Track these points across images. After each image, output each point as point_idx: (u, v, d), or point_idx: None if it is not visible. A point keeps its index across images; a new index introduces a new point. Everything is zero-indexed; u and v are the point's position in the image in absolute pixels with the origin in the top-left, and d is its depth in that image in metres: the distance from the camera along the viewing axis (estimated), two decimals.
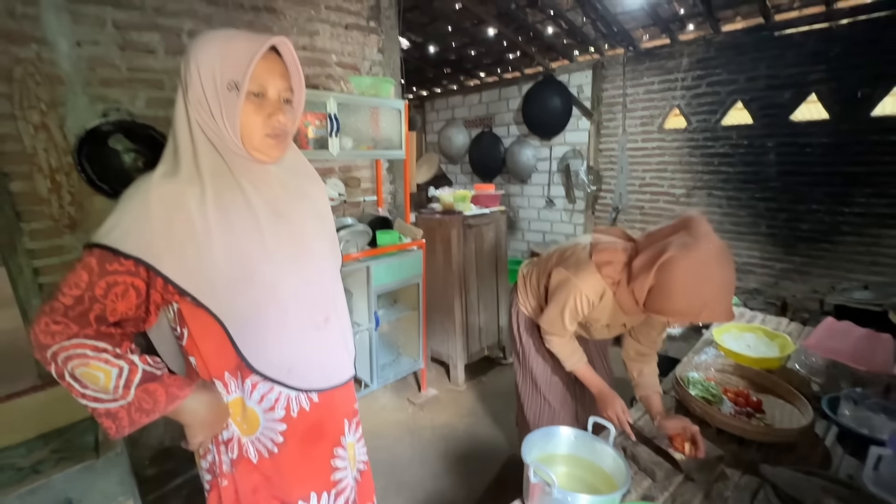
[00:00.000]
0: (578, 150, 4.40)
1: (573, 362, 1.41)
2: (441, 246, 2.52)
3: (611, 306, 1.27)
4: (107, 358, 0.73)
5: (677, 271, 1.02)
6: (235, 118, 0.76)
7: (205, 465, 0.95)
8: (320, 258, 0.95)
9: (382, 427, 2.32)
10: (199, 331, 0.84)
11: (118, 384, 0.73)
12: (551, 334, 1.39)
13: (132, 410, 0.76)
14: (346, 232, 2.01)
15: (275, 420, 0.90)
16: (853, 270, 3.05)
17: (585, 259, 1.26)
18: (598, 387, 1.39)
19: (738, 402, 1.44)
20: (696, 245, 1.02)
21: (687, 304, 1.03)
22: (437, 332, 2.74)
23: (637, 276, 1.12)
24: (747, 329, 1.80)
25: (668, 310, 1.07)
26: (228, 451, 0.91)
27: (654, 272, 1.06)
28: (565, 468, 1.13)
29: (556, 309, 1.32)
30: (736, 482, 1.15)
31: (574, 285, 1.25)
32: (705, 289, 1.01)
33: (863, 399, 1.33)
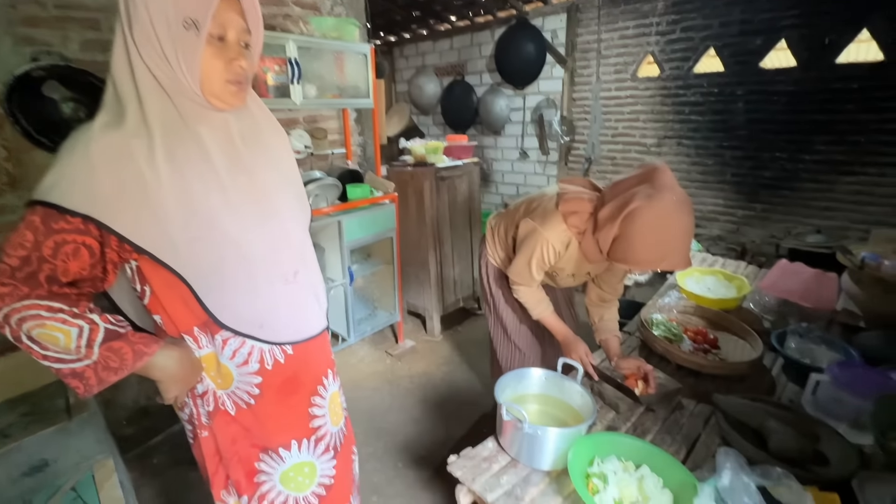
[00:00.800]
0: (552, 100, 4.31)
1: (540, 311, 1.45)
2: (414, 199, 2.49)
3: (576, 256, 1.30)
4: (63, 318, 0.70)
5: (641, 222, 1.06)
6: (195, 62, 0.69)
7: (184, 418, 0.95)
8: (286, 211, 0.92)
9: (361, 378, 2.38)
10: (161, 288, 0.81)
11: (80, 344, 0.71)
12: (519, 284, 1.42)
13: (98, 369, 0.74)
14: (314, 186, 1.95)
15: (249, 374, 0.91)
16: (808, 216, 3.20)
17: (552, 209, 1.27)
18: (562, 333, 1.45)
19: (696, 339, 1.54)
20: (659, 196, 1.04)
21: (649, 254, 1.08)
22: (412, 285, 2.76)
23: (603, 227, 1.14)
24: (708, 273, 1.89)
25: (631, 259, 1.11)
26: (204, 403, 0.91)
27: (619, 223, 1.09)
28: (536, 406, 1.19)
29: (523, 259, 1.34)
30: (691, 411, 1.25)
31: (541, 235, 1.26)
32: (667, 239, 1.05)
33: (807, 333, 1.44)
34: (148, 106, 0.71)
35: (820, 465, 1.01)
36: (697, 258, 2.30)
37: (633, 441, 1.02)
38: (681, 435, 1.15)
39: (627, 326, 1.72)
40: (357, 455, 1.31)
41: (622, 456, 1.00)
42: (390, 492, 1.68)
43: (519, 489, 0.96)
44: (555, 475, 1.00)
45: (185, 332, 0.86)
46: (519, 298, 1.46)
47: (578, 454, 0.96)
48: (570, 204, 1.24)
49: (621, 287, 1.48)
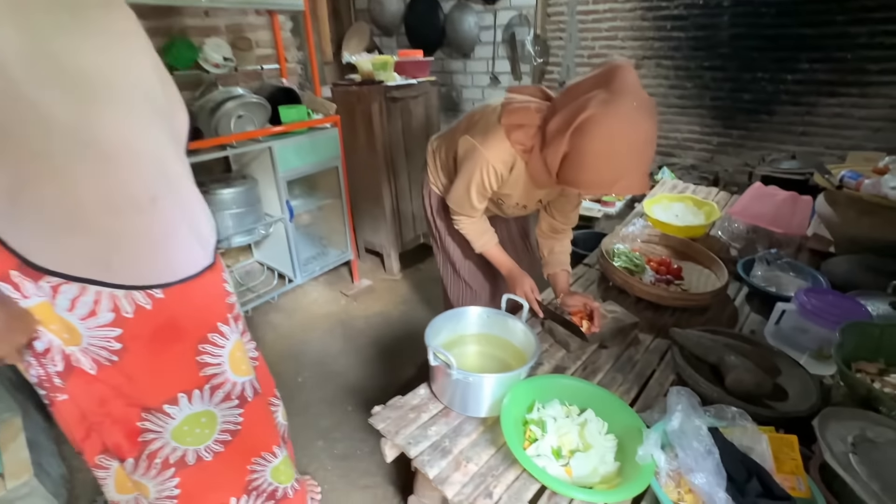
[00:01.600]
0: (525, 16, 3.91)
1: (482, 243, 1.27)
2: (362, 123, 2.21)
3: (523, 180, 1.10)
4: None
5: (594, 135, 0.86)
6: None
7: (33, 381, 0.78)
8: (127, 115, 0.70)
9: (313, 320, 2.24)
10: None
11: None
12: (459, 214, 1.23)
13: None
14: (234, 104, 1.66)
15: (101, 326, 0.73)
16: (784, 142, 3.08)
17: (494, 123, 1.05)
18: (507, 267, 1.28)
19: (659, 270, 1.42)
20: (616, 103, 0.84)
21: (602, 173, 0.89)
22: (366, 220, 2.56)
23: (551, 142, 0.93)
24: (677, 199, 1.75)
25: (582, 180, 0.92)
26: (51, 363, 0.74)
27: (569, 136, 0.88)
28: (476, 347, 1.07)
29: (462, 185, 1.14)
30: (647, 346, 1.16)
31: (480, 156, 1.05)
32: (623, 156, 0.86)
33: (775, 259, 1.34)
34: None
35: (779, 400, 0.93)
36: (668, 185, 2.16)
37: (577, 383, 0.91)
38: (634, 372, 1.06)
39: (588, 258, 1.60)
40: (281, 406, 1.20)
41: (566, 400, 0.89)
42: (337, 435, 1.61)
43: (448, 440, 0.85)
44: (490, 423, 0.89)
45: (0, 277, 0.66)
46: (460, 230, 1.27)
47: (515, 400, 0.85)
48: (514, 115, 1.01)
49: (575, 216, 1.30)
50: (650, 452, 0.73)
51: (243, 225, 1.89)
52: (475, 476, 0.78)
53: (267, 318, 2.24)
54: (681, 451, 0.74)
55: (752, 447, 0.76)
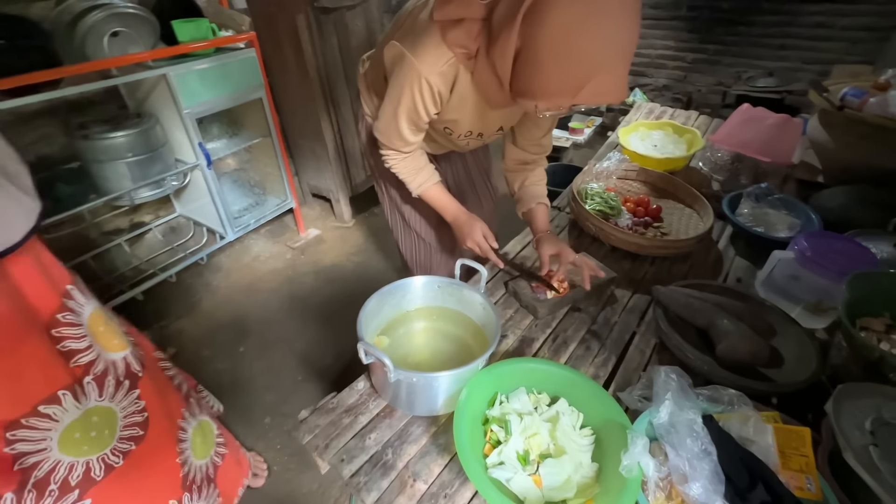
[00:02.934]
0: None
1: (418, 183, 1.02)
2: (288, 41, 1.81)
3: (471, 98, 0.83)
4: None
5: (550, 17, 0.60)
6: None
7: None
8: None
9: (256, 280, 2.00)
10: None
11: None
12: (388, 148, 0.96)
13: None
14: (102, 15, 1.25)
15: None
16: (761, 57, 2.88)
17: (425, 21, 0.76)
18: (452, 213, 1.04)
19: (636, 211, 1.25)
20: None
21: (564, 72, 0.64)
22: (309, 162, 2.23)
23: (498, 35, 0.68)
24: (655, 126, 1.55)
25: (538, 87, 0.67)
26: None
27: (520, 23, 0.64)
28: (427, 323, 0.88)
29: (389, 109, 0.86)
30: (625, 304, 1.01)
31: (410, 67, 0.77)
32: (590, 45, 0.61)
33: (765, 195, 1.18)
34: None
35: (775, 367, 0.81)
36: (644, 109, 1.94)
37: (546, 367, 0.75)
38: (611, 338, 0.91)
39: (557, 200, 1.40)
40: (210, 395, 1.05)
41: (533, 387, 0.73)
42: (286, 410, 1.45)
43: (391, 451, 0.68)
44: (444, 422, 0.73)
45: None
46: (391, 168, 1.01)
47: (473, 396, 0.68)
48: (449, 8, 0.73)
49: (548, 142, 1.05)
50: (637, 461, 0.59)
51: (147, 175, 1.55)
52: (424, 498, 0.63)
53: (201, 279, 1.98)
54: (671, 452, 0.61)
55: (754, 440, 0.63)
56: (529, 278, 1.02)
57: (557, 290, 0.96)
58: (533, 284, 0.99)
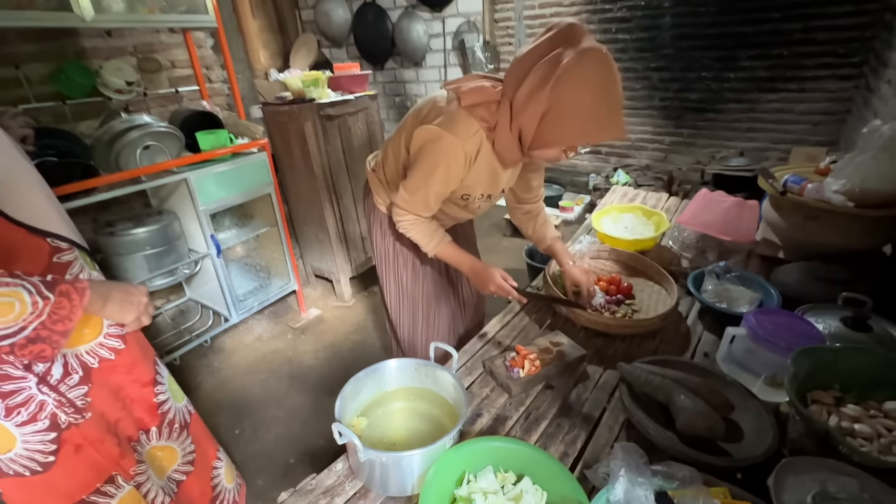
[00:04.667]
0: (473, 23, 3.85)
1: (435, 243, 1.17)
2: (297, 144, 2.06)
3: (487, 166, 1.06)
4: (4, 281, 0.61)
5: (575, 85, 0.86)
6: None
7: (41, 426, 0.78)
8: None
9: (257, 361, 2.07)
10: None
11: (35, 300, 0.63)
12: (409, 214, 1.12)
13: (49, 323, 0.64)
14: (139, 133, 1.48)
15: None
16: (732, 139, 3.12)
17: (452, 108, 0.99)
18: (468, 264, 1.20)
19: (609, 290, 1.34)
20: (589, 52, 0.85)
21: (586, 122, 0.89)
22: (312, 246, 2.40)
23: (526, 105, 0.91)
24: (626, 210, 1.69)
25: (566, 134, 0.91)
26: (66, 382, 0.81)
27: (549, 90, 0.87)
28: (404, 403, 0.94)
29: (419, 178, 1.04)
30: (597, 381, 1.06)
31: (446, 139, 0.98)
32: (604, 100, 0.88)
33: (725, 273, 1.27)
34: None
35: (734, 441, 0.84)
36: (618, 193, 2.10)
37: (513, 445, 0.79)
38: (581, 416, 0.96)
39: (536, 279, 1.50)
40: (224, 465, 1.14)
41: (500, 465, 0.78)
42: (274, 495, 1.44)
43: None
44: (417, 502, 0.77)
45: None
46: (406, 233, 1.16)
47: (441, 475, 0.73)
48: (473, 94, 0.97)
49: (541, 189, 1.34)
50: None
51: (161, 266, 1.71)
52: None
53: (204, 361, 2.05)
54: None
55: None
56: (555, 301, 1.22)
57: (584, 307, 1.15)
58: (507, 363, 1.06)
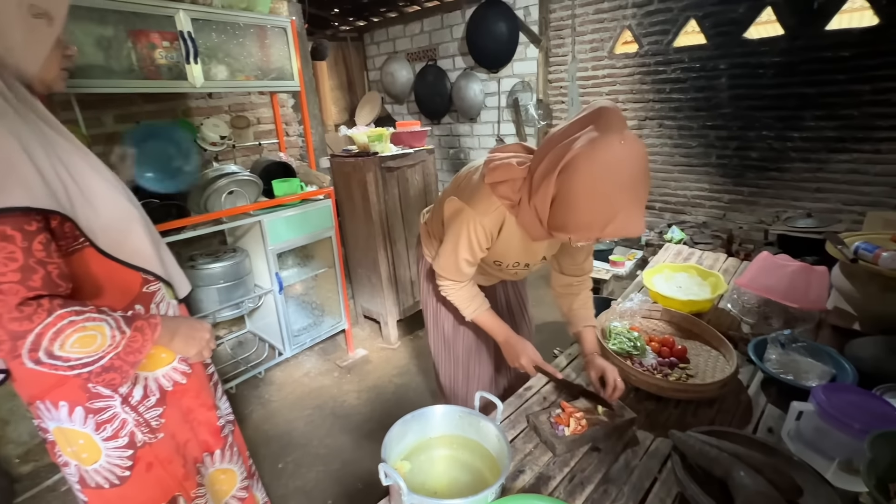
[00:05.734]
0: (527, 83, 4.06)
1: (472, 310, 1.21)
2: (358, 193, 2.23)
3: (517, 237, 1.07)
4: (91, 315, 0.68)
5: (581, 173, 0.83)
6: (44, 51, 0.71)
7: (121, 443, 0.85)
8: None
9: (303, 396, 2.14)
10: None
11: (114, 334, 0.71)
12: (446, 279, 1.18)
13: (123, 354, 0.73)
14: (227, 181, 1.69)
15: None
16: (798, 199, 2.98)
17: (477, 182, 1.04)
18: (503, 335, 1.21)
19: (661, 352, 1.30)
20: (603, 140, 0.81)
21: (592, 214, 0.85)
22: (364, 288, 2.51)
23: (538, 187, 0.90)
24: (680, 269, 1.65)
25: (572, 224, 0.88)
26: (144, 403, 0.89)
27: (556, 177, 0.86)
28: (447, 451, 0.95)
29: (449, 246, 1.10)
30: (647, 448, 1.02)
31: (466, 214, 1.03)
32: (613, 193, 0.82)
33: (791, 342, 1.20)
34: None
35: None
36: (672, 251, 2.05)
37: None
38: (629, 485, 0.91)
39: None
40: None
41: None
42: None
43: None
44: None
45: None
46: (447, 297, 1.22)
47: None
48: (496, 172, 0.99)
49: (589, 265, 1.25)
50: None
51: (231, 299, 1.87)
52: None
53: (256, 392, 2.15)
54: None
55: None
56: (582, 394, 1.13)
57: (610, 406, 1.06)
58: (552, 420, 1.04)
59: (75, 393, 0.78)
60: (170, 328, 0.83)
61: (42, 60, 0.71)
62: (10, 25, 0.65)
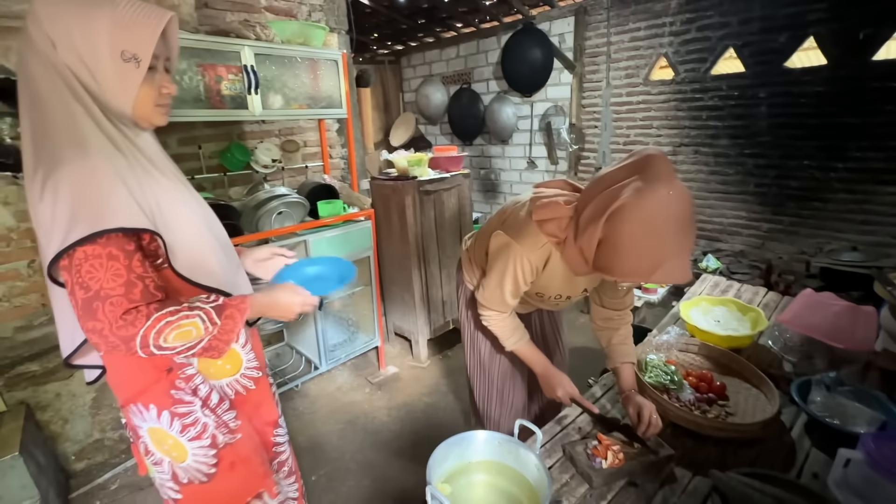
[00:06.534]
0: (560, 107, 4.11)
1: (513, 341, 1.25)
2: (396, 215, 2.31)
3: (561, 271, 1.10)
4: (185, 314, 0.78)
5: (629, 222, 0.85)
6: (133, 91, 0.77)
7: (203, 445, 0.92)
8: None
9: (335, 410, 2.19)
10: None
11: (207, 326, 0.80)
12: (490, 310, 1.22)
13: (220, 334, 0.82)
14: (278, 203, 1.79)
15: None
16: (842, 230, 2.87)
17: (525, 218, 1.09)
18: (542, 365, 1.25)
19: (699, 387, 1.29)
20: (651, 190, 0.83)
21: (639, 261, 0.87)
22: (397, 306, 2.57)
23: (585, 230, 0.93)
24: (718, 302, 1.63)
25: (617, 268, 0.90)
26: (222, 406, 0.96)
27: (603, 223, 0.89)
28: (486, 477, 0.98)
29: (494, 279, 1.15)
30: (685, 486, 1.01)
31: (513, 249, 1.08)
32: (661, 243, 0.85)
33: (836, 385, 1.18)
34: (101, 126, 0.77)
35: None
36: (709, 282, 2.03)
37: None
38: None
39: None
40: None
41: None
42: None
43: None
44: None
45: None
46: (489, 327, 1.26)
47: None
48: (544, 210, 1.03)
49: (630, 299, 1.27)
50: None
51: None
52: None
53: (291, 403, 2.22)
54: None
55: None
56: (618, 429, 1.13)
57: (646, 444, 1.06)
58: (589, 451, 1.05)
59: (161, 398, 0.86)
60: (259, 307, 0.91)
61: (133, 99, 0.77)
62: (106, 70, 0.73)
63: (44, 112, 0.72)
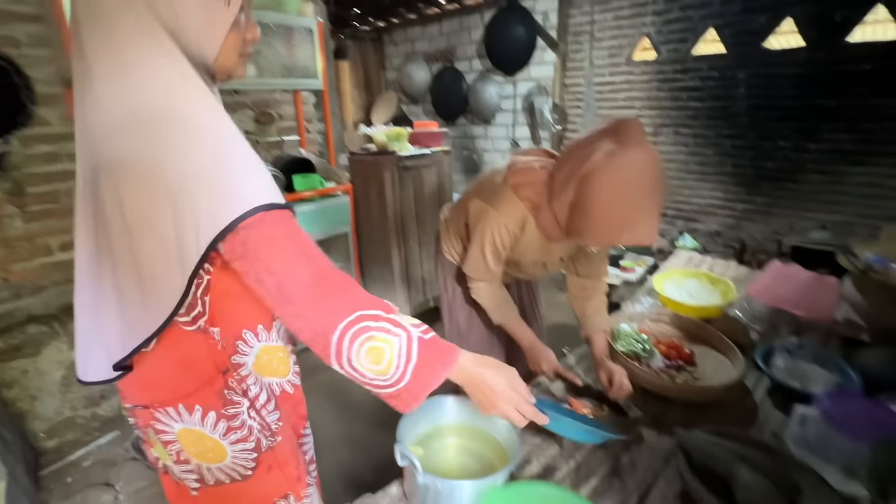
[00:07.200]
0: (543, 87, 4.09)
1: (503, 314, 1.27)
2: (375, 191, 2.28)
3: (537, 238, 1.12)
4: (386, 327, 0.64)
5: (600, 183, 0.87)
6: (221, 34, 0.63)
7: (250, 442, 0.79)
8: None
9: (311, 386, 2.16)
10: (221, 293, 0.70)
11: (399, 363, 0.65)
12: (477, 280, 1.23)
13: (412, 388, 0.67)
14: None
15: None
16: (813, 210, 2.96)
17: (500, 184, 1.10)
18: (528, 340, 1.27)
19: (669, 354, 1.32)
20: (622, 153, 0.85)
21: (610, 221, 0.90)
22: (376, 284, 2.56)
23: (558, 192, 0.95)
24: (691, 275, 1.67)
25: (588, 230, 0.93)
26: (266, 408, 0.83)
27: (575, 184, 0.91)
28: (457, 440, 0.99)
29: (476, 248, 1.16)
30: (651, 446, 1.04)
31: (490, 215, 1.09)
32: (631, 203, 0.87)
33: (798, 349, 1.22)
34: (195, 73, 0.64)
35: None
36: (682, 257, 2.07)
37: (562, 494, 0.81)
38: (633, 479, 0.95)
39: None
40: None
41: None
42: None
43: None
44: None
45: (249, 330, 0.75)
46: (478, 299, 1.27)
47: None
48: (519, 175, 1.06)
49: (604, 268, 1.30)
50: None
51: None
52: None
53: None
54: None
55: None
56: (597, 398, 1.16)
57: (626, 413, 1.09)
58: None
59: (212, 399, 0.74)
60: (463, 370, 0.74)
61: (219, 44, 0.64)
62: (189, 8, 0.60)
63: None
